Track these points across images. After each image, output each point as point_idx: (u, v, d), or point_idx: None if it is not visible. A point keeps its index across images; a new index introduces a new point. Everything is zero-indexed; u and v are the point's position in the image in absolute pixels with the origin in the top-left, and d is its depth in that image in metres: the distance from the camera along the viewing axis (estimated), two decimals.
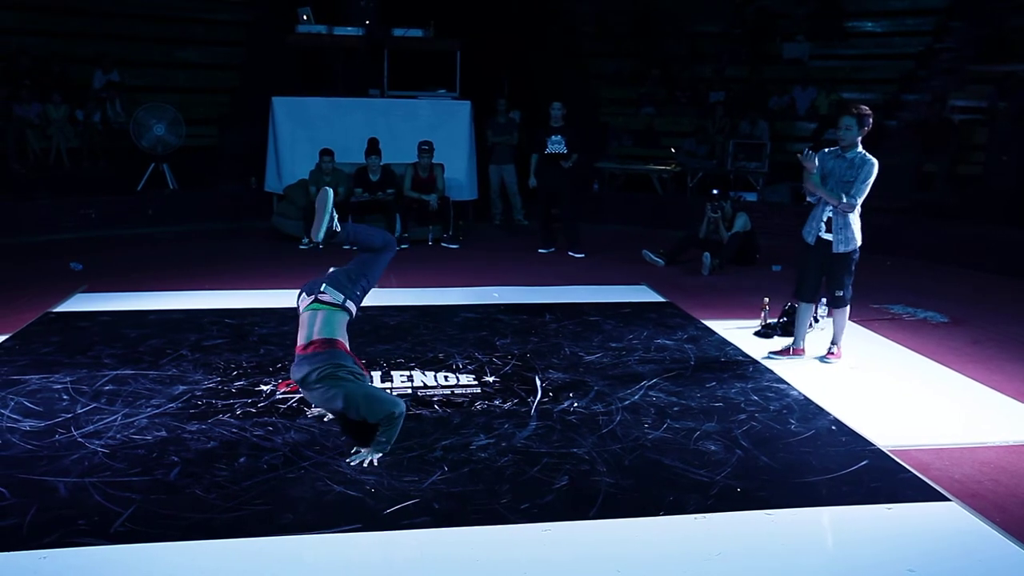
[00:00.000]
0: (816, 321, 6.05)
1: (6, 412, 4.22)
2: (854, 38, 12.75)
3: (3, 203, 9.69)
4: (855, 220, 5.19)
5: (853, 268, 5.29)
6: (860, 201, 5.10)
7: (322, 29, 10.72)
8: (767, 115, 11.90)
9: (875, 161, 5.03)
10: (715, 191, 8.63)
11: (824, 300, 6.17)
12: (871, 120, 5.06)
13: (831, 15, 12.76)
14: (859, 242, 5.24)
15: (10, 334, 5.56)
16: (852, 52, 12.62)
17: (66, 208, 9.94)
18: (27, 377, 4.74)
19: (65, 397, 4.46)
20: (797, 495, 3.53)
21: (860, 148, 5.08)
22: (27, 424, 4.08)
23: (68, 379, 4.72)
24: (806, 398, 4.69)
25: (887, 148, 10.70)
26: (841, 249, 5.19)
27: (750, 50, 13.06)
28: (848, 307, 5.39)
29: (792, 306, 6.04)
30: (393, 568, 2.97)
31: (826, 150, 5.23)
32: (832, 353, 5.44)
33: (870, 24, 12.75)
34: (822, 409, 4.51)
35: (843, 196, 5.05)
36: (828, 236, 5.21)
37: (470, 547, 3.10)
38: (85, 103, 11.15)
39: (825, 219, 5.21)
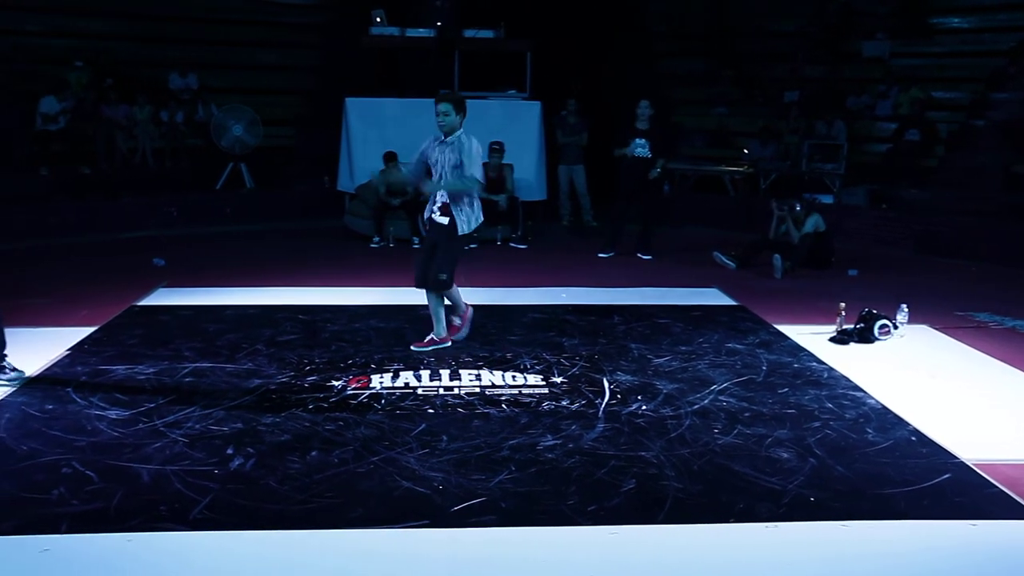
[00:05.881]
0: (896, 328, 5.85)
1: (95, 400, 4.42)
2: (939, 35, 12.27)
3: (94, 202, 10.14)
4: (473, 201, 5.35)
5: (458, 248, 5.44)
6: (482, 180, 5.34)
7: (395, 31, 10.88)
8: (845, 115, 11.55)
9: (474, 142, 5.22)
10: (773, 202, 8.44)
11: (904, 306, 5.99)
12: (465, 103, 5.31)
13: (914, 12, 12.31)
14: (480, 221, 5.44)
15: (98, 326, 5.81)
16: (937, 50, 12.15)
17: (150, 206, 10.34)
18: (113, 368, 4.95)
19: (148, 387, 4.63)
20: (874, 507, 3.41)
21: (461, 132, 5.25)
22: (113, 413, 4.26)
23: (151, 370, 4.91)
24: (884, 407, 4.53)
25: (974, 148, 10.30)
26: (460, 230, 5.31)
27: (828, 49, 12.71)
28: (442, 284, 5.41)
29: (869, 311, 5.87)
30: (459, 566, 2.99)
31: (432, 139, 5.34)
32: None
33: (956, 20, 12.25)
34: (901, 419, 4.36)
35: (462, 180, 5.20)
36: (443, 219, 5.30)
37: (536, 547, 3.10)
38: (168, 104, 11.57)
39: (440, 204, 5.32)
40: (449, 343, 5.50)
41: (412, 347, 5.44)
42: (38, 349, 5.19)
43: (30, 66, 10.89)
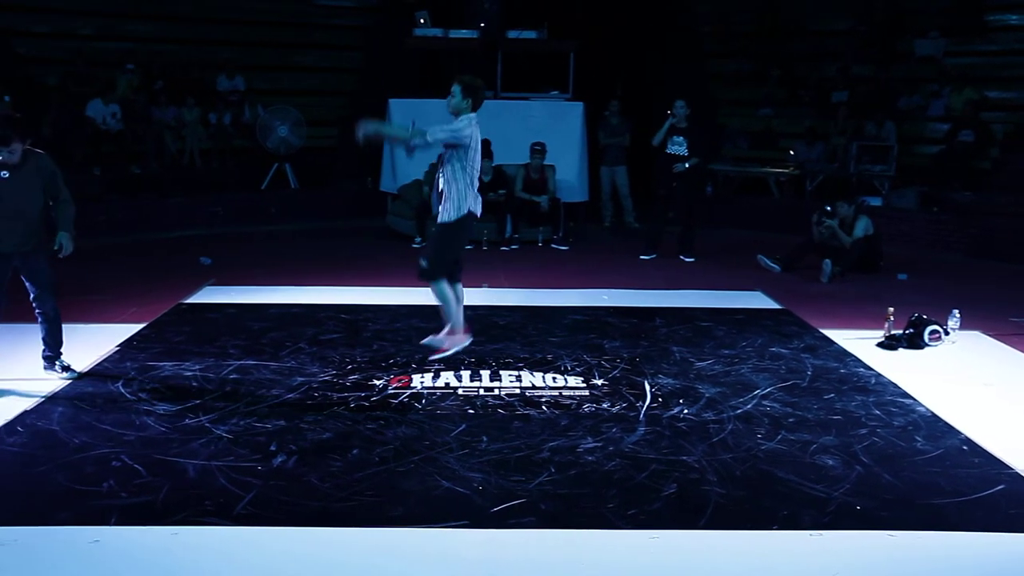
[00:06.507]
0: (947, 334, 5.71)
1: (143, 396, 4.52)
2: (995, 32, 11.92)
3: (146, 201, 10.37)
4: (462, 189, 4.87)
5: (450, 239, 4.94)
6: (432, 138, 4.86)
7: (438, 32, 10.94)
8: (895, 116, 11.29)
9: (463, 119, 4.91)
10: (828, 208, 8.22)
11: (956, 312, 5.84)
12: (481, 96, 5.03)
13: (970, 9, 11.98)
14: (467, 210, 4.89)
15: (147, 323, 5.94)
16: (993, 48, 11.81)
17: (197, 206, 10.54)
18: (161, 364, 5.05)
19: (194, 384, 4.72)
20: (924, 517, 3.33)
21: (460, 119, 4.93)
22: (161, 408, 4.34)
23: (197, 367, 5.00)
24: (934, 415, 4.42)
25: None
26: (445, 218, 4.90)
27: (879, 48, 12.44)
28: (424, 272, 4.89)
29: (920, 317, 5.73)
30: (498, 567, 2.99)
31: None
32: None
33: (1014, 17, 11.88)
34: (952, 427, 4.24)
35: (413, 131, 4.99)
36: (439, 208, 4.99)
37: (576, 550, 3.08)
38: (216, 106, 11.78)
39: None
40: (457, 337, 5.06)
41: (422, 342, 5.15)
42: (89, 345, 5.33)
43: (86, 69, 11.18)
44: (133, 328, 5.79)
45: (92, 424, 4.11)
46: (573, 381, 4.88)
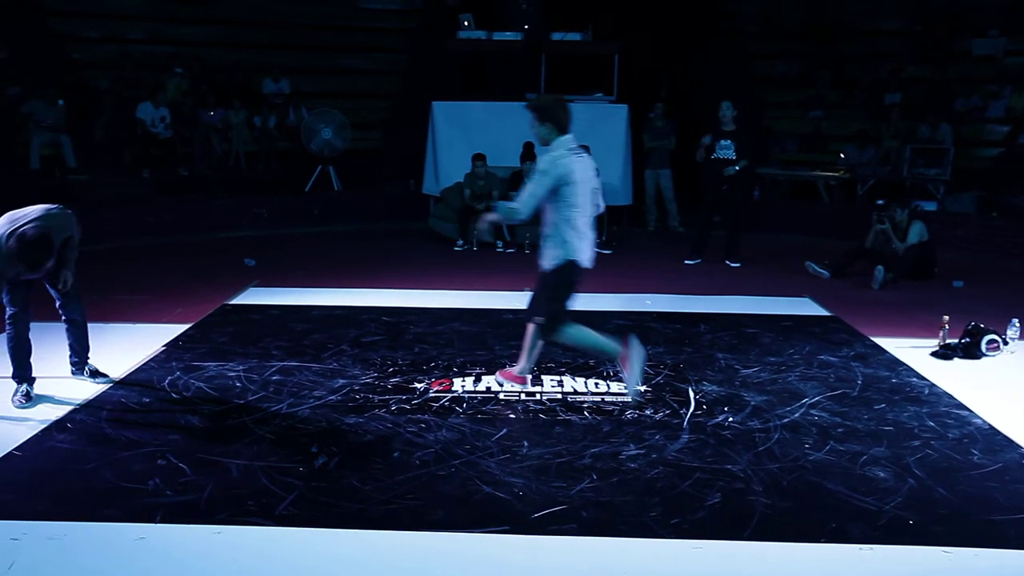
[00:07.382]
0: (1006, 343, 5.51)
1: (188, 395, 4.58)
2: None
3: (192, 203, 10.56)
4: (561, 232, 4.38)
5: (553, 288, 4.47)
6: (523, 208, 4.26)
7: (482, 34, 10.95)
8: (951, 118, 10.97)
9: (546, 158, 4.26)
10: (880, 202, 8.04)
11: (1016, 321, 5.65)
12: (562, 115, 4.30)
13: None
14: (567, 258, 4.40)
15: (192, 323, 6.03)
16: None
17: (242, 207, 10.70)
18: (206, 364, 5.11)
19: (238, 385, 4.76)
20: (980, 534, 3.20)
21: (552, 149, 4.32)
22: (205, 408, 4.39)
23: (241, 368, 5.05)
24: (992, 427, 4.26)
25: None
26: (545, 266, 4.43)
27: (934, 48, 12.11)
28: (544, 328, 4.50)
29: (976, 325, 5.54)
30: (538, 573, 2.95)
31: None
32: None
33: None
34: (1011, 441, 4.08)
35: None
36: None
37: (617, 558, 3.03)
38: (261, 109, 11.95)
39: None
40: (526, 383, 4.72)
41: (496, 374, 4.89)
42: (136, 344, 5.42)
43: (136, 73, 11.43)
44: (179, 328, 5.87)
45: (139, 422, 4.18)
46: (616, 387, 4.82)
